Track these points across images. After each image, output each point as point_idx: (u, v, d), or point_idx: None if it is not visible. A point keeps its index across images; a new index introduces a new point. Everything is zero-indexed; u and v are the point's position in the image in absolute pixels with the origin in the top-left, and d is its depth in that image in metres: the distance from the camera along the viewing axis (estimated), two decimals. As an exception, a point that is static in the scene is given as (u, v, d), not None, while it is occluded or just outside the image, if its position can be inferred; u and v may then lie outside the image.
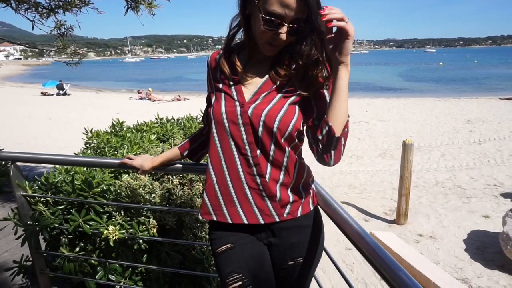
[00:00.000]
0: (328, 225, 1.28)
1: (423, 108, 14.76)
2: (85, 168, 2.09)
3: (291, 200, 1.13)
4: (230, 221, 1.14)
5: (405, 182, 4.75)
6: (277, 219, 1.12)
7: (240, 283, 1.10)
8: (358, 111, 14.28)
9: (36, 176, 2.10)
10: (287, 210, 1.13)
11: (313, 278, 1.34)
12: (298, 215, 1.14)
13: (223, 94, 1.14)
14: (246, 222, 1.12)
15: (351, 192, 6.13)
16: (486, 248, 4.18)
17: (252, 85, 1.13)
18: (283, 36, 1.01)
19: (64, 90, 22.99)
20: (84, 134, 2.65)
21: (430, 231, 4.66)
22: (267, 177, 1.10)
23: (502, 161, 7.49)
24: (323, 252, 1.31)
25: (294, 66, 1.09)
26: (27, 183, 1.89)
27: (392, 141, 9.38)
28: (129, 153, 2.17)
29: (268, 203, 1.11)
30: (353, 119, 12.66)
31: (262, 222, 1.12)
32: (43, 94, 23.05)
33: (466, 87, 24.88)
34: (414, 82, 29.01)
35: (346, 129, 1.04)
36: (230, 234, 1.17)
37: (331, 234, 4.30)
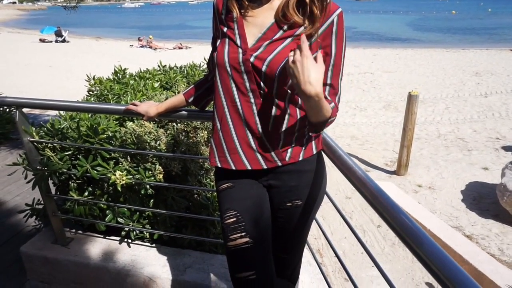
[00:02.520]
0: (329, 174, 1.30)
1: (430, 60, 14.38)
2: (89, 115, 2.09)
3: (293, 145, 1.15)
4: (234, 168, 1.17)
5: (408, 134, 4.77)
6: (279, 164, 1.14)
7: (234, 219, 1.14)
8: (363, 62, 13.95)
9: (42, 123, 2.11)
10: (288, 155, 1.15)
11: (314, 223, 1.39)
12: (300, 159, 1.16)
13: (227, 39, 1.12)
14: (249, 168, 1.15)
15: (353, 144, 6.18)
16: (482, 199, 4.29)
17: (257, 29, 1.09)
18: None
19: (63, 37, 22.38)
20: (87, 81, 2.61)
21: (429, 182, 4.76)
22: (270, 124, 1.11)
23: (507, 115, 7.44)
24: (324, 199, 1.34)
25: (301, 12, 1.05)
26: (33, 129, 1.91)
27: (397, 93, 9.27)
28: (133, 100, 2.16)
29: (270, 149, 1.13)
30: (358, 70, 12.41)
31: (265, 167, 1.15)
32: (42, 41, 22.46)
33: (476, 37, 24.00)
34: (423, 32, 27.96)
35: (330, 119, 1.04)
36: (232, 176, 1.21)
37: (332, 184, 4.41)
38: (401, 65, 13.41)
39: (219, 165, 1.19)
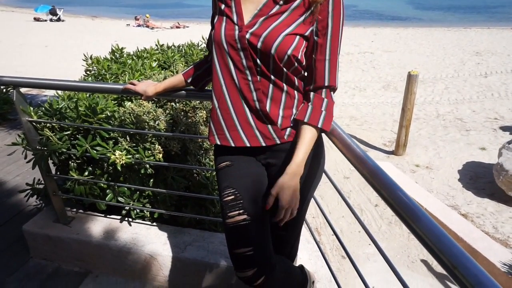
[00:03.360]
0: (327, 154, 1.31)
1: (431, 39, 14.21)
2: (88, 95, 2.08)
3: (292, 124, 1.15)
4: (233, 145, 1.18)
5: (407, 114, 4.77)
6: (278, 142, 1.15)
7: (232, 197, 1.15)
8: (363, 42, 13.78)
9: (40, 102, 2.10)
10: (287, 133, 1.16)
11: (312, 202, 1.40)
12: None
13: (224, 17, 1.12)
14: (248, 145, 1.16)
15: (352, 124, 6.18)
16: (478, 178, 4.34)
17: (254, 5, 1.09)
18: None
19: (58, 16, 21.94)
20: (84, 60, 2.59)
21: (427, 162, 4.79)
22: (268, 102, 1.12)
23: (506, 95, 7.42)
24: (323, 179, 1.35)
25: None
26: (31, 109, 1.90)
27: (397, 73, 9.20)
28: (132, 80, 2.15)
29: (269, 126, 1.14)
30: (358, 49, 12.28)
31: (263, 144, 1.16)
32: (36, 19, 22.02)
33: (478, 16, 23.65)
34: (424, 11, 27.52)
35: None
36: (231, 154, 1.22)
37: (330, 164, 4.44)
38: (401, 44, 13.26)
39: (218, 142, 1.20)
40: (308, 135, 1.10)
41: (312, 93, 1.12)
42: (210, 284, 1.87)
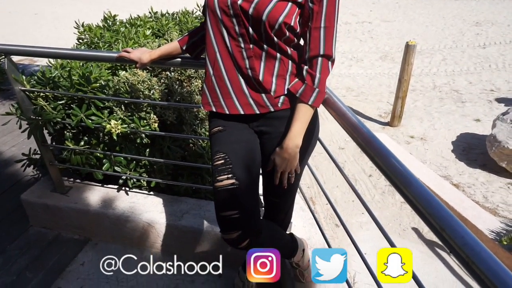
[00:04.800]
0: (323, 125, 1.32)
1: (431, 8, 13.90)
2: (81, 64, 2.05)
3: (285, 92, 1.15)
4: (227, 112, 1.19)
5: (403, 85, 4.75)
6: (272, 109, 1.16)
7: (222, 161, 1.17)
8: (362, 11, 13.47)
9: (32, 72, 2.07)
10: (281, 100, 1.16)
11: (307, 172, 1.42)
12: (292, 105, 1.16)
13: None
14: (242, 112, 1.17)
15: (348, 95, 6.16)
16: (471, 149, 4.39)
17: None
18: None
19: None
20: (76, 28, 2.52)
21: (422, 133, 4.82)
22: (260, 70, 1.11)
23: (503, 66, 7.38)
24: (318, 148, 1.37)
25: None
26: (24, 77, 1.87)
27: (395, 43, 9.07)
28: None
29: (263, 94, 1.14)
30: (356, 19, 12.02)
31: (257, 112, 1.16)
32: (23, -14, 21.18)
33: (480, -15, 23.03)
34: (426, -21, 26.74)
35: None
36: (225, 120, 1.23)
37: (325, 135, 4.46)
38: (400, 14, 12.98)
39: (213, 109, 1.21)
40: (305, 113, 1.11)
41: (305, 68, 1.10)
42: (206, 251, 1.92)
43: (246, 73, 1.12)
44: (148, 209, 2.00)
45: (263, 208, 1.50)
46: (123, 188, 2.14)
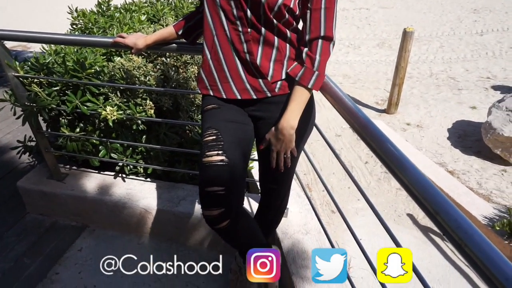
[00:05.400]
0: (319, 112, 1.32)
1: (429, -6, 13.78)
2: (75, 49, 2.02)
3: (283, 77, 1.15)
4: (224, 96, 1.18)
5: (400, 72, 4.74)
6: (269, 95, 1.15)
7: (214, 137, 1.12)
8: (359, -4, 13.31)
9: (26, 58, 2.04)
10: (278, 86, 1.15)
11: (304, 159, 1.43)
12: (289, 90, 1.16)
13: None
14: (239, 97, 1.17)
15: (345, 82, 6.14)
16: (467, 137, 4.42)
17: None
18: None
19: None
20: (69, 13, 2.48)
21: (418, 120, 4.84)
22: (258, 54, 1.10)
23: (500, 54, 7.37)
24: (315, 135, 1.37)
25: None
26: (17, 63, 1.84)
27: (392, 30, 9.01)
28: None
29: (260, 80, 1.13)
30: (353, 5, 11.90)
31: (254, 97, 1.16)
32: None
33: (479, -29, 22.79)
34: (424, -36, 26.42)
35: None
36: (221, 101, 1.20)
37: (322, 122, 4.46)
38: (398, 0, 12.86)
39: (211, 93, 1.20)
40: (302, 95, 1.10)
41: (305, 50, 1.08)
42: (203, 237, 1.93)
43: (244, 58, 1.11)
44: (145, 195, 2.01)
45: (260, 195, 1.51)
46: (120, 174, 2.14)
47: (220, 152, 1.10)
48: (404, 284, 1.01)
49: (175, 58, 1.93)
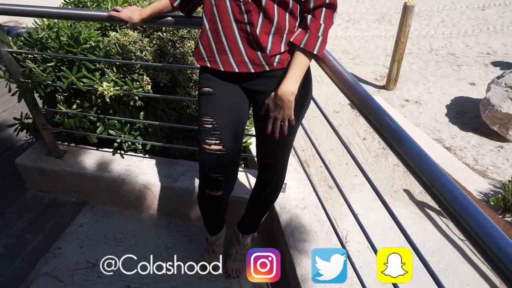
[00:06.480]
0: (318, 88, 1.31)
1: (431, -33, 13.44)
2: (69, 24, 1.98)
3: (282, 50, 1.13)
4: (222, 69, 1.16)
5: (400, 48, 4.68)
6: (267, 69, 1.13)
7: (210, 126, 1.20)
8: (360, -30, 12.97)
9: (18, 32, 2.00)
10: (277, 60, 1.13)
11: (303, 135, 1.43)
12: (288, 65, 1.14)
13: None
14: (237, 70, 1.15)
15: (344, 58, 6.07)
16: (465, 113, 4.42)
17: None
18: None
19: None
20: (61, -14, 2.41)
21: (417, 96, 4.82)
22: (258, 26, 1.08)
23: (502, 29, 7.26)
24: (314, 110, 1.36)
25: None
26: (10, 39, 1.81)
27: (392, 4, 8.83)
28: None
29: (258, 53, 1.11)
30: (354, -22, 11.60)
31: (252, 71, 1.14)
32: None
33: None
34: None
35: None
36: (216, 80, 1.21)
37: (320, 98, 4.44)
38: (399, -27, 12.54)
39: (208, 65, 1.18)
40: (304, 61, 1.09)
41: (309, 16, 1.07)
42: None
43: (244, 29, 1.08)
44: (144, 171, 2.02)
45: (257, 170, 1.52)
46: (118, 151, 2.14)
47: (217, 141, 1.19)
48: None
49: (171, 32, 1.89)
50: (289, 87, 1.09)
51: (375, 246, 1.14)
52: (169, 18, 1.45)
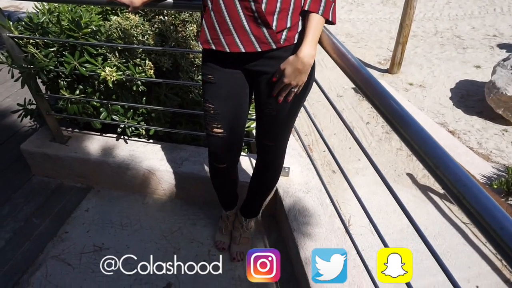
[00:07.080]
0: (321, 73, 1.29)
1: None
2: (69, 8, 1.96)
3: (288, 25, 1.10)
4: (228, 50, 1.13)
5: (404, 30, 4.61)
6: (274, 46, 1.11)
7: (212, 112, 1.28)
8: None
9: (18, 17, 1.98)
10: (283, 37, 1.11)
11: (306, 119, 1.42)
12: (295, 41, 1.13)
13: None
14: (243, 50, 1.12)
15: (348, 41, 6.00)
16: (470, 96, 4.38)
17: None
18: None
19: None
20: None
21: (421, 80, 4.77)
22: (263, 3, 1.05)
23: (509, 10, 7.12)
24: (317, 93, 1.35)
25: None
26: (11, 23, 1.80)
27: (397, -14, 8.66)
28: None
29: (264, 30, 1.08)
30: (358, -41, 11.35)
31: (259, 49, 1.11)
32: None
33: None
34: None
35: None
36: (217, 68, 1.23)
37: (324, 82, 4.40)
38: (404, -47, 12.25)
39: (213, 47, 1.15)
40: (320, 25, 1.10)
41: None
42: (206, 195, 1.97)
43: (248, 6, 1.05)
44: (148, 156, 2.03)
45: (256, 154, 1.52)
46: (122, 136, 2.15)
47: (219, 125, 1.30)
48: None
49: (173, 16, 1.87)
50: (310, 49, 1.08)
51: (379, 229, 1.15)
52: (169, 0, 1.43)
